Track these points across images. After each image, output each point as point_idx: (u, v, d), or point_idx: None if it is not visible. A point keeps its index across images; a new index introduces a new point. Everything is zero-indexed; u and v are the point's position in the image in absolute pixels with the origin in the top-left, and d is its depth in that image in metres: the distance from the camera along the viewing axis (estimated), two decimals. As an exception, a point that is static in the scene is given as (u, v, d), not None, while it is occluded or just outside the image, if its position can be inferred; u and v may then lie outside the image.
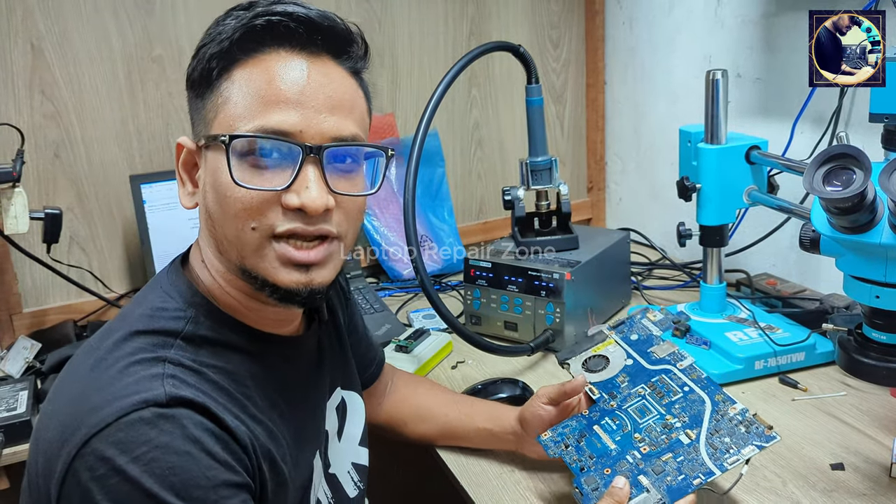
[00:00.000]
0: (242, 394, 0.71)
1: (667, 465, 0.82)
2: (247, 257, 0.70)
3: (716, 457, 0.81)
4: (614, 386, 0.94)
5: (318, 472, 0.82)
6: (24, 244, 1.39)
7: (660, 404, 0.89)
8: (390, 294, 1.68)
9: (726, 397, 0.86)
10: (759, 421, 0.82)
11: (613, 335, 1.01)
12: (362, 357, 1.03)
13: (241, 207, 0.68)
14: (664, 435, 0.85)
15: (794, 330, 1.25)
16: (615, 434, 0.88)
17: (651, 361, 0.95)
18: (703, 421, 0.84)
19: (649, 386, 0.92)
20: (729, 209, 1.28)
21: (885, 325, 0.87)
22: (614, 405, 0.91)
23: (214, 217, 0.71)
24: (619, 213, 2.05)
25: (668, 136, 1.81)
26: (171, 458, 0.61)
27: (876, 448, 1.00)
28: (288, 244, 0.69)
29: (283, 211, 0.68)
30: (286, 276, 0.70)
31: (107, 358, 0.68)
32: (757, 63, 1.54)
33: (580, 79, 2.01)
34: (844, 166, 0.77)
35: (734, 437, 0.82)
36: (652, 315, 1.02)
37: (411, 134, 1.21)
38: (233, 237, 0.70)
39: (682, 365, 0.92)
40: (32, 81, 1.44)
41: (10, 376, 1.30)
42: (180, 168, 0.75)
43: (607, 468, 0.84)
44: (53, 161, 1.49)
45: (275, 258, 0.69)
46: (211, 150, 0.70)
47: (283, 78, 0.68)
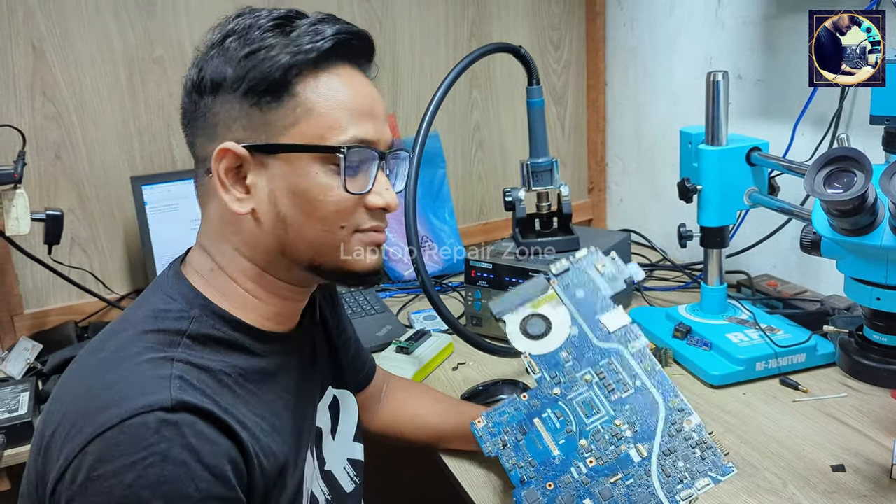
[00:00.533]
0: (247, 390, 0.73)
1: (615, 488, 0.76)
2: (325, 253, 0.76)
3: (668, 486, 0.75)
4: (557, 364, 0.83)
5: (310, 469, 0.83)
6: (25, 245, 1.39)
7: (609, 400, 0.80)
8: (391, 295, 1.68)
9: (682, 404, 0.79)
10: (715, 444, 0.76)
11: (556, 286, 0.86)
12: (353, 360, 1.04)
13: (334, 210, 0.74)
14: (612, 446, 0.78)
15: (794, 331, 1.25)
16: (559, 435, 0.80)
17: (600, 336, 0.84)
18: (656, 434, 0.78)
19: (597, 373, 0.82)
20: (730, 210, 1.28)
21: (885, 327, 0.87)
22: (558, 392, 0.82)
23: (292, 221, 0.74)
24: (620, 215, 2.05)
25: (668, 137, 1.81)
26: (166, 467, 0.62)
27: (876, 449, 1.00)
28: (372, 232, 0.78)
29: (366, 210, 0.76)
30: (369, 260, 0.78)
31: (113, 357, 0.69)
32: (758, 64, 1.54)
33: (581, 80, 2.02)
34: (845, 168, 0.78)
35: (688, 462, 0.76)
36: (600, 265, 0.87)
37: (412, 135, 1.21)
38: (315, 237, 0.75)
39: (634, 347, 0.82)
40: (34, 83, 1.45)
41: (12, 377, 1.30)
42: (222, 173, 0.73)
43: (550, 482, 0.79)
44: (54, 162, 1.49)
45: (360, 246, 0.77)
46: (287, 158, 0.73)
47: (360, 92, 0.75)
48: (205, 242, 0.79)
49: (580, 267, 0.87)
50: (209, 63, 0.73)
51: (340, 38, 0.73)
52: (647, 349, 0.82)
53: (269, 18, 0.73)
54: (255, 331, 0.77)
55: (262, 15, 0.74)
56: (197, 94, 0.75)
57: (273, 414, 0.75)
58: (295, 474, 0.78)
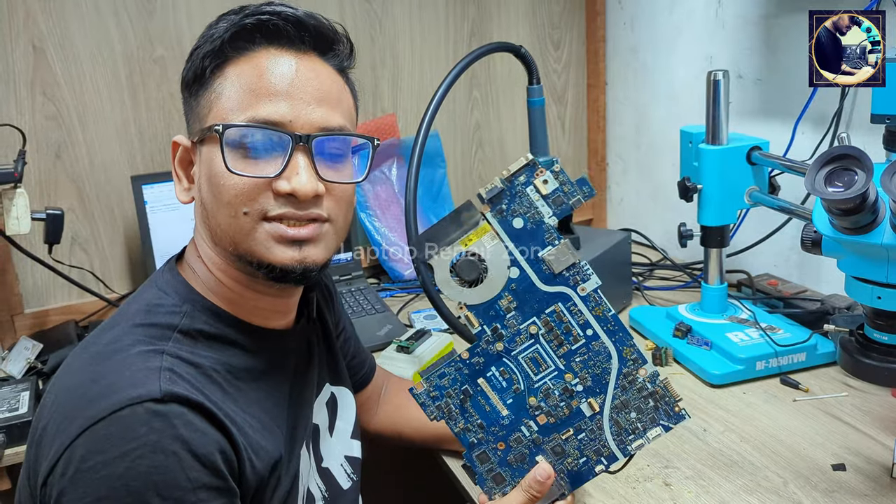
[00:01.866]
0: (236, 388, 0.73)
1: (567, 444, 0.74)
2: (240, 242, 0.73)
3: (620, 438, 0.73)
4: (498, 315, 0.73)
5: (305, 465, 0.83)
6: (25, 245, 1.39)
7: (557, 354, 0.73)
8: (391, 295, 1.68)
9: (637, 353, 0.72)
10: (669, 391, 0.72)
11: (488, 215, 0.71)
12: (352, 359, 1.04)
13: (234, 194, 0.71)
14: (563, 402, 0.73)
15: (795, 330, 1.25)
16: (506, 394, 0.74)
17: (545, 278, 0.72)
18: (609, 386, 0.73)
19: (543, 323, 0.72)
20: (730, 210, 1.28)
21: (886, 326, 0.87)
22: (501, 348, 0.73)
23: (209, 207, 0.74)
24: (620, 214, 2.05)
25: (668, 136, 1.81)
26: (156, 458, 0.62)
27: (877, 448, 1.00)
28: (280, 223, 0.72)
29: (274, 196, 0.72)
30: (281, 254, 0.72)
31: (105, 350, 0.69)
32: (758, 64, 1.54)
33: (581, 79, 2.02)
34: (846, 167, 0.77)
35: (641, 413, 0.73)
36: (542, 183, 0.70)
37: (412, 135, 1.21)
38: (226, 224, 0.73)
39: (583, 290, 0.71)
40: (34, 82, 1.45)
41: (12, 377, 1.30)
42: (176, 165, 0.79)
43: (501, 442, 0.75)
44: (55, 162, 1.49)
45: (268, 237, 0.72)
46: (206, 144, 0.74)
47: (272, 72, 0.72)
48: (194, 236, 0.81)
49: (516, 187, 0.71)
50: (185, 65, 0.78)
51: (248, 23, 0.73)
52: (599, 291, 0.72)
53: (228, 14, 0.75)
54: (247, 327, 0.77)
55: (231, 12, 0.75)
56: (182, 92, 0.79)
57: (264, 411, 0.75)
58: (289, 470, 0.78)
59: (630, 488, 0.96)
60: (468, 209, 0.73)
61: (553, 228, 0.71)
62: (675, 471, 0.99)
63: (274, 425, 0.77)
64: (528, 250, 0.71)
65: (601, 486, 0.96)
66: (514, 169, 0.71)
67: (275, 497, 0.75)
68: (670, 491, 0.95)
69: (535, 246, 0.71)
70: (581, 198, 0.70)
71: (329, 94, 0.75)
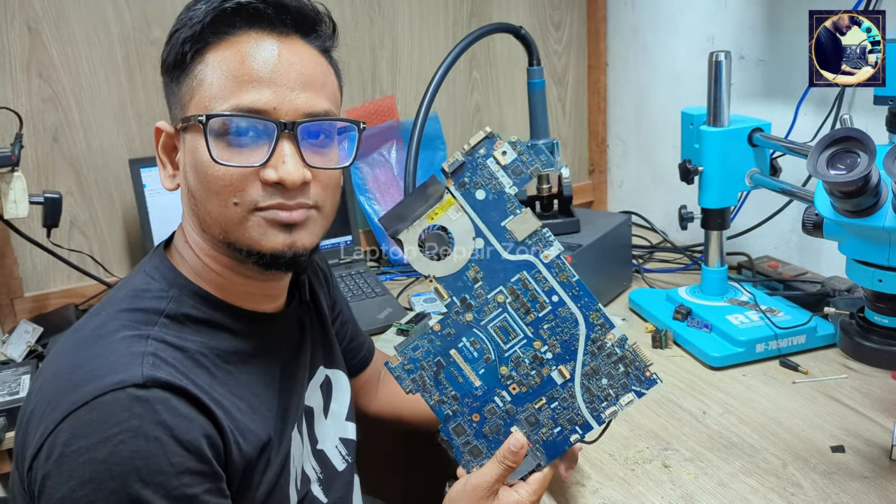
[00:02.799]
0: (225, 371, 0.74)
1: (541, 413, 0.74)
2: (231, 231, 0.72)
3: (592, 406, 0.73)
4: (466, 286, 0.75)
5: (298, 447, 0.84)
6: (24, 228, 1.39)
7: (525, 322, 0.74)
8: (391, 278, 1.68)
9: (603, 318, 0.73)
10: (639, 356, 0.72)
11: (452, 188, 0.74)
12: (350, 342, 1.04)
13: (223, 184, 0.71)
14: (534, 371, 0.74)
15: (795, 313, 1.25)
16: (478, 365, 0.75)
17: (509, 248, 0.74)
18: (578, 353, 0.73)
19: (510, 291, 0.74)
20: (731, 192, 1.28)
21: (887, 309, 0.87)
22: (470, 318, 0.75)
23: (197, 196, 0.73)
24: (621, 196, 2.05)
25: (670, 118, 1.80)
26: (139, 443, 0.63)
27: (877, 430, 1.01)
28: (277, 210, 0.72)
29: (262, 186, 0.71)
30: (272, 240, 0.72)
31: (91, 336, 0.70)
32: (760, 44, 1.53)
33: (582, 60, 2.00)
34: (849, 149, 0.77)
35: (612, 379, 0.73)
36: (500, 154, 0.73)
37: (411, 117, 1.20)
38: (216, 213, 0.72)
39: (546, 256, 0.73)
40: (30, 64, 1.43)
41: (13, 360, 1.30)
42: (160, 151, 0.78)
43: (475, 413, 0.76)
44: (52, 145, 1.48)
45: (259, 224, 0.72)
46: (189, 132, 0.73)
47: (254, 58, 0.71)
48: (182, 221, 0.81)
49: (477, 159, 0.73)
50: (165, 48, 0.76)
51: (228, 7, 0.71)
52: (562, 258, 0.73)
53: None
54: (236, 311, 0.77)
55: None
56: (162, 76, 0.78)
57: (253, 394, 0.76)
58: (279, 452, 0.78)
59: (629, 470, 0.96)
60: (433, 184, 0.74)
61: (514, 198, 0.73)
62: (675, 453, 0.99)
63: (264, 408, 0.77)
64: (492, 220, 0.73)
65: (600, 468, 0.97)
66: (473, 142, 0.73)
67: (264, 479, 0.75)
68: (669, 473, 0.95)
69: (498, 216, 0.73)
70: (539, 166, 0.72)
71: (313, 78, 0.73)
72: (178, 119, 0.75)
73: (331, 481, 0.91)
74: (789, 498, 0.90)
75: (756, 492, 0.91)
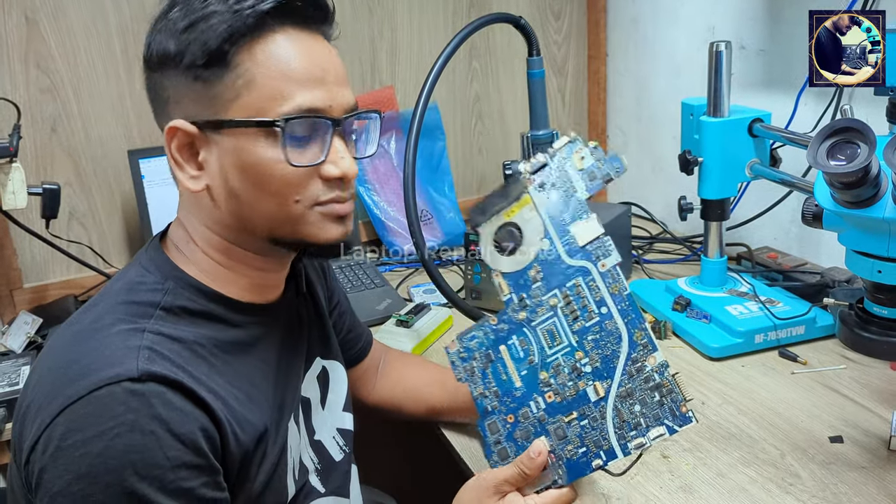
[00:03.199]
0: (223, 360, 0.74)
1: (569, 428, 0.74)
2: (283, 227, 0.74)
3: (621, 433, 0.72)
4: (525, 284, 0.77)
5: (295, 437, 0.84)
6: (22, 220, 1.39)
7: (572, 329, 0.74)
8: (391, 269, 1.68)
9: (647, 338, 0.72)
10: (677, 387, 0.70)
11: (530, 188, 0.77)
12: (347, 333, 1.04)
13: (284, 184, 0.71)
14: (571, 382, 0.74)
15: (794, 303, 1.25)
16: (521, 365, 0.77)
17: (570, 251, 0.75)
18: (616, 371, 0.72)
19: (563, 296, 0.75)
20: (731, 183, 1.27)
21: (886, 300, 0.87)
22: (524, 317, 0.77)
23: (243, 196, 0.72)
24: (621, 187, 2.04)
25: (670, 108, 1.79)
26: (134, 437, 0.63)
27: (875, 421, 1.01)
28: (334, 204, 0.74)
29: (322, 182, 0.73)
30: (331, 232, 0.75)
31: (86, 329, 0.70)
32: (761, 34, 1.52)
33: (582, 51, 1.99)
34: (849, 140, 0.77)
35: (645, 406, 0.71)
36: (579, 158, 0.76)
37: (411, 107, 1.20)
38: (270, 212, 0.73)
39: (603, 266, 0.74)
40: (28, 55, 1.43)
41: (12, 351, 1.31)
42: (174, 151, 0.73)
43: (511, 414, 0.77)
44: (50, 136, 1.48)
45: (321, 219, 0.74)
46: (234, 133, 0.71)
47: (305, 56, 0.71)
48: (181, 215, 0.79)
49: (558, 161, 0.76)
50: (155, 37, 0.73)
51: (276, 2, 0.70)
52: (618, 268, 0.74)
53: None
54: (232, 302, 0.77)
55: None
56: (148, 69, 0.74)
57: (250, 384, 0.76)
58: (276, 442, 0.78)
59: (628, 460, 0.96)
60: (515, 182, 0.77)
61: (584, 203, 0.75)
62: (673, 443, 0.99)
63: (261, 398, 0.77)
64: (559, 222, 0.76)
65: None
66: (557, 146, 0.76)
67: (262, 469, 0.75)
68: (668, 463, 0.95)
69: (566, 218, 0.75)
70: (612, 173, 0.75)
71: (344, 73, 0.75)
72: (211, 118, 0.71)
73: (328, 472, 0.91)
74: (787, 488, 0.90)
75: (754, 482, 0.91)
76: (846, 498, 0.87)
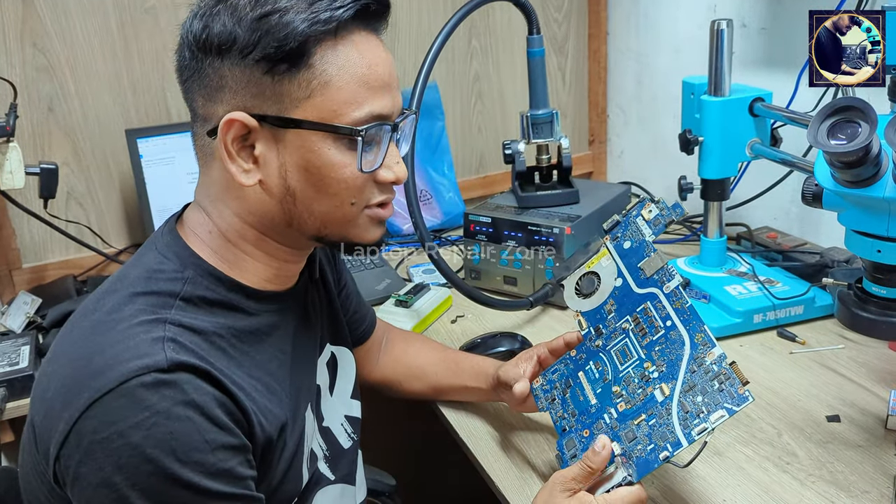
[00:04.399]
0: (241, 351, 0.73)
1: (639, 429, 0.77)
2: (334, 226, 0.75)
3: (685, 423, 0.75)
4: (601, 318, 0.87)
5: (310, 425, 0.84)
6: (20, 199, 1.39)
7: (641, 345, 0.82)
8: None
9: (706, 338, 0.77)
10: (735, 373, 0.74)
11: (608, 242, 0.90)
12: (353, 314, 1.04)
13: (344, 188, 0.72)
14: (640, 389, 0.80)
15: (793, 283, 1.25)
16: (597, 385, 0.84)
17: (639, 282, 0.85)
18: (680, 371, 0.77)
19: (634, 319, 0.83)
20: (731, 162, 1.27)
21: (885, 280, 0.87)
22: (599, 344, 0.86)
23: (300, 195, 0.72)
24: (621, 167, 2.04)
25: (670, 87, 1.78)
26: (171, 424, 0.63)
27: (872, 400, 1.01)
28: (379, 208, 0.77)
29: (377, 185, 0.75)
30: (374, 233, 0.78)
31: (107, 320, 0.69)
32: (762, 12, 1.51)
33: (582, 29, 1.98)
34: (850, 119, 0.76)
35: (706, 395, 0.75)
36: (647, 212, 0.88)
37: (410, 86, 1.19)
38: (326, 212, 0.73)
39: (667, 288, 0.82)
40: (24, 33, 1.42)
41: (12, 331, 1.31)
42: (229, 143, 0.70)
43: (586, 429, 0.82)
44: (48, 115, 1.47)
45: (367, 223, 0.76)
46: (301, 132, 0.70)
47: (376, 62, 0.72)
48: (203, 202, 0.77)
49: (630, 218, 0.90)
50: (216, 19, 0.68)
51: (361, 4, 0.69)
52: (680, 288, 0.82)
53: None
54: (249, 290, 0.77)
55: None
56: (200, 51, 0.70)
57: (268, 374, 0.76)
58: (294, 432, 0.78)
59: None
60: (595, 241, 0.92)
61: (651, 244, 0.86)
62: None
63: (279, 389, 0.77)
64: (631, 263, 0.87)
65: (598, 438, 0.97)
66: (628, 206, 0.90)
67: (282, 458, 0.76)
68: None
69: (636, 259, 0.86)
70: (674, 217, 0.87)
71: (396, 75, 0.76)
72: (277, 113, 0.69)
73: (337, 459, 0.91)
74: (784, 467, 0.90)
75: (751, 460, 0.92)
76: (842, 476, 0.88)
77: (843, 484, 0.87)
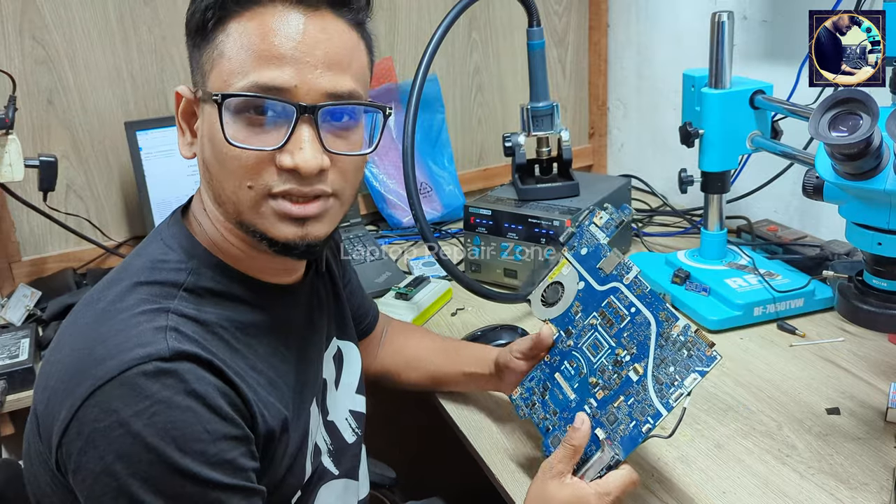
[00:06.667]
0: (244, 344, 0.73)
1: (619, 411, 0.80)
2: (244, 213, 0.70)
3: (661, 393, 0.77)
4: (569, 320, 0.90)
5: (315, 419, 0.84)
6: (20, 192, 1.38)
7: (610, 335, 0.85)
8: (390, 242, 1.68)
9: (669, 314, 0.80)
10: (700, 339, 0.77)
11: (566, 253, 0.93)
12: (357, 309, 1.04)
13: (238, 166, 0.68)
14: (615, 374, 0.82)
15: (793, 276, 1.25)
16: (573, 381, 0.86)
17: (600, 281, 0.88)
18: (650, 349, 0.80)
19: (600, 314, 0.86)
20: (731, 155, 1.27)
21: (886, 272, 0.86)
22: (571, 344, 0.88)
23: (212, 171, 0.71)
24: (621, 160, 2.03)
25: (671, 80, 1.78)
26: (172, 413, 0.63)
27: (872, 393, 1.01)
28: (285, 200, 0.69)
29: (277, 171, 0.68)
30: (284, 230, 0.70)
31: (110, 309, 0.69)
32: (763, 4, 1.50)
33: (583, 21, 1.97)
34: (851, 111, 0.76)
35: (677, 364, 0.77)
36: (598, 219, 0.93)
37: (410, 79, 1.19)
38: (230, 193, 0.70)
39: (627, 279, 0.85)
40: (23, 25, 1.41)
41: (12, 324, 1.31)
42: (180, 117, 0.74)
43: (569, 424, 0.82)
44: (47, 107, 1.47)
45: (272, 214, 0.70)
46: (208, 104, 0.70)
47: (277, 32, 0.67)
48: (202, 189, 0.77)
49: (583, 228, 0.94)
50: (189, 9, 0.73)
51: None
52: (639, 276, 0.85)
53: None
54: (255, 283, 0.76)
55: None
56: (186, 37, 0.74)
57: (271, 368, 0.75)
58: (298, 426, 0.78)
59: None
60: (554, 255, 0.97)
61: (605, 245, 0.90)
62: (671, 416, 1.00)
63: (281, 382, 0.76)
64: (590, 266, 0.90)
65: (598, 430, 0.97)
66: (580, 217, 0.94)
67: (287, 453, 0.76)
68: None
69: (594, 261, 0.90)
70: (623, 218, 0.92)
71: (339, 56, 0.69)
72: (198, 87, 0.72)
73: (341, 453, 0.91)
74: (784, 459, 0.91)
75: (751, 453, 0.92)
76: (842, 469, 0.88)
77: (842, 476, 0.87)
